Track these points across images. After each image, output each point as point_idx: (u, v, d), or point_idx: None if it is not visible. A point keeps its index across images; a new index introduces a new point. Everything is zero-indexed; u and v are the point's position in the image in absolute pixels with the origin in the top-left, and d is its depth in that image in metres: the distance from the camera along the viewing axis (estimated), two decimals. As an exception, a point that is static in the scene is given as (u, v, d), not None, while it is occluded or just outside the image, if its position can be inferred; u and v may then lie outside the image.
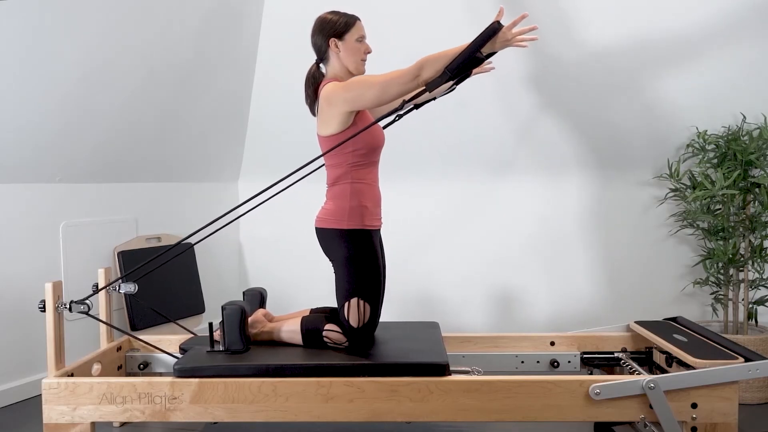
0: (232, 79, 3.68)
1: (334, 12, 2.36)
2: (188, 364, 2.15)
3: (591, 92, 3.25)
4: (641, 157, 3.35)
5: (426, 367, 2.10)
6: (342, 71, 2.35)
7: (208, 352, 2.28)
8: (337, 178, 2.35)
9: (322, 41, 2.35)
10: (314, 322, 2.34)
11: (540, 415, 2.05)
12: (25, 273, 2.88)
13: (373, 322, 2.31)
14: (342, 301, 2.29)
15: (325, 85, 2.32)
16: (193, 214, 3.88)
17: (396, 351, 2.25)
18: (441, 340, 2.38)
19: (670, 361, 2.31)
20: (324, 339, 2.30)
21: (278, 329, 2.38)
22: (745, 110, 3.07)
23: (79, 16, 2.68)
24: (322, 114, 2.32)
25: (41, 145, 2.85)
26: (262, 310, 2.50)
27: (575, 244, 3.53)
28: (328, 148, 2.33)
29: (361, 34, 2.34)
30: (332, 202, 2.35)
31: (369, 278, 2.29)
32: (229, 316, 2.27)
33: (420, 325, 2.63)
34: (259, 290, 2.62)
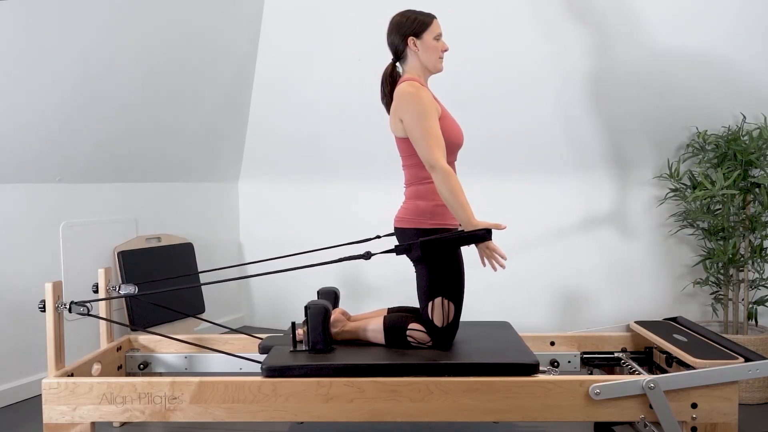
0: (232, 79, 3.68)
1: (411, 11, 2.35)
2: (277, 363, 2.13)
3: (591, 94, 3.25)
4: (641, 157, 3.35)
5: (517, 366, 2.09)
6: (420, 69, 2.34)
7: (291, 351, 2.26)
8: (417, 177, 2.33)
9: (400, 40, 2.32)
10: (398, 321, 2.33)
11: (540, 415, 2.05)
12: (25, 273, 2.88)
13: (456, 321, 2.29)
14: (426, 301, 2.28)
15: (402, 83, 2.30)
16: (193, 214, 3.89)
17: (481, 351, 2.23)
18: (521, 340, 2.38)
19: (670, 361, 2.31)
20: (408, 338, 2.30)
21: (361, 328, 2.37)
22: (745, 110, 3.07)
23: (80, 16, 2.68)
24: (393, 112, 2.31)
25: (41, 146, 2.85)
26: (339, 309, 2.48)
27: (575, 243, 3.53)
28: (404, 150, 2.32)
29: (438, 32, 2.33)
30: (413, 201, 2.32)
31: (452, 277, 2.27)
32: (314, 316, 2.25)
33: (492, 325, 2.63)
34: (333, 289, 2.59)
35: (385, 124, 3.68)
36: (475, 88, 3.40)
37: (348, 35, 3.57)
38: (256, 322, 4.26)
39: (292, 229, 4.13)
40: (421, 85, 2.27)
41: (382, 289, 3.90)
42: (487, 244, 2.18)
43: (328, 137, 3.89)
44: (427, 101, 2.22)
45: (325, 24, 3.60)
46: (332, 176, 4.02)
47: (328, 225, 4.04)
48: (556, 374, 2.18)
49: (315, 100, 3.81)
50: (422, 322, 2.30)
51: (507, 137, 3.49)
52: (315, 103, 3.82)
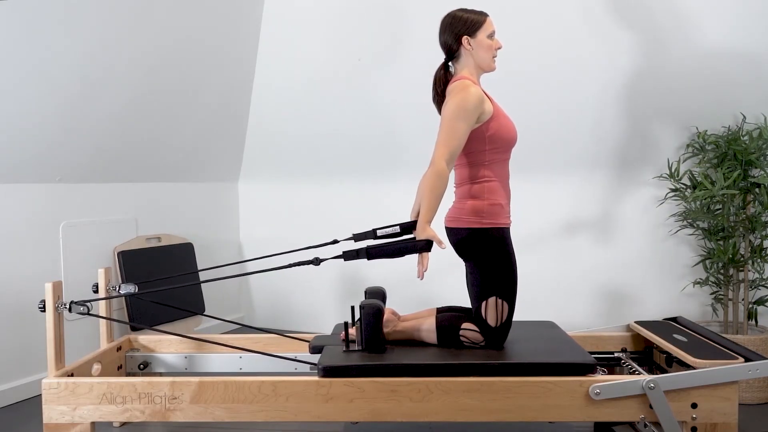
0: (232, 79, 3.68)
1: (463, 9, 2.32)
2: (333, 363, 2.12)
3: (590, 94, 3.25)
4: (641, 157, 3.35)
5: (575, 366, 2.08)
6: (474, 68, 2.32)
7: (344, 351, 2.25)
8: (470, 176, 2.31)
9: (453, 40, 2.30)
10: (450, 321, 2.32)
11: (540, 415, 2.04)
12: (25, 273, 2.88)
13: (510, 320, 2.28)
14: (479, 300, 2.27)
15: (456, 80, 2.29)
16: (193, 214, 3.88)
17: (535, 351, 2.22)
18: (572, 339, 2.37)
19: (670, 361, 2.31)
20: (461, 338, 2.29)
21: (414, 328, 2.36)
22: (745, 110, 3.07)
23: (80, 16, 2.68)
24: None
25: (41, 146, 2.85)
26: (390, 309, 2.46)
27: (575, 243, 3.53)
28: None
29: (492, 29, 2.31)
30: (467, 200, 2.30)
31: (506, 276, 2.26)
32: (368, 316, 2.23)
33: (537, 325, 2.62)
34: (381, 290, 2.57)
35: (385, 123, 3.69)
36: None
37: (348, 35, 3.57)
38: (256, 322, 4.26)
39: (292, 229, 4.13)
40: (474, 83, 2.26)
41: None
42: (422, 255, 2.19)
43: (328, 137, 3.89)
44: (472, 103, 2.19)
45: (325, 24, 3.60)
46: (332, 176, 4.02)
47: (328, 225, 4.04)
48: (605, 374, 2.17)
49: (315, 100, 3.81)
50: (475, 322, 2.29)
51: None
52: (315, 103, 3.82)
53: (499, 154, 2.29)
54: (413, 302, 3.73)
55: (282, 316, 4.16)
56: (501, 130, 2.26)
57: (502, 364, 2.09)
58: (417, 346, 2.31)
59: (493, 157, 2.28)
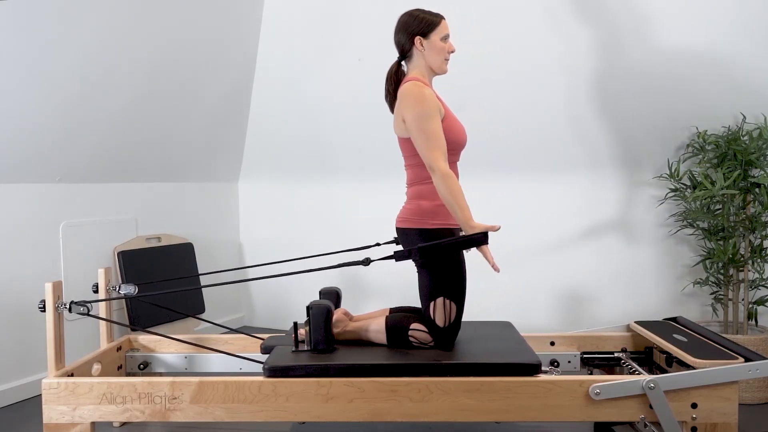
0: (232, 79, 3.68)
1: (419, 10, 2.33)
2: (279, 363, 2.13)
3: (590, 94, 3.25)
4: (641, 157, 3.35)
5: (519, 366, 2.09)
6: (425, 70, 2.33)
7: (293, 351, 2.26)
8: (418, 177, 2.32)
9: (406, 39, 2.31)
10: (400, 322, 2.32)
11: (540, 415, 2.05)
12: (25, 273, 2.88)
13: (458, 321, 2.29)
14: (427, 301, 2.28)
15: (406, 82, 2.30)
16: (193, 214, 3.89)
17: (483, 351, 2.23)
18: (524, 340, 2.38)
19: (670, 361, 2.31)
20: (409, 338, 2.30)
21: (363, 328, 2.37)
22: (745, 110, 3.07)
23: (80, 16, 2.68)
24: (396, 112, 2.31)
25: (41, 146, 2.85)
26: (342, 309, 2.48)
27: (575, 243, 3.53)
28: (407, 150, 2.32)
29: (446, 32, 2.32)
30: (415, 201, 2.32)
31: (454, 277, 2.27)
32: (316, 316, 2.25)
33: (494, 325, 2.63)
34: (335, 289, 2.59)
35: (385, 124, 3.69)
36: (475, 89, 3.40)
37: (348, 35, 3.57)
38: (256, 323, 4.26)
39: (292, 229, 4.13)
40: (424, 85, 2.26)
41: (381, 290, 3.90)
42: (482, 248, 2.16)
43: (328, 137, 3.89)
44: (430, 102, 2.22)
45: (325, 24, 3.60)
46: (332, 176, 4.02)
47: (328, 225, 4.04)
48: (558, 374, 2.18)
49: (315, 100, 3.81)
50: (424, 322, 2.30)
51: (507, 138, 3.49)
52: (315, 103, 3.82)
53: (449, 155, 2.30)
54: (413, 302, 3.73)
55: (282, 316, 4.16)
56: (450, 132, 2.27)
57: (445, 364, 2.10)
58: (366, 347, 2.32)
59: None
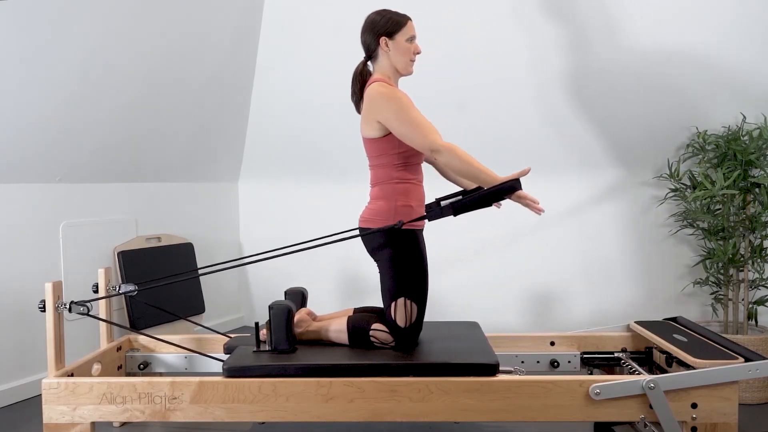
0: (232, 80, 3.68)
1: (386, 10, 2.34)
2: (237, 364, 2.13)
3: (590, 93, 3.25)
4: (641, 157, 3.35)
5: (476, 367, 2.09)
6: (390, 70, 2.34)
7: (254, 352, 2.26)
8: (382, 177, 2.33)
9: (372, 39, 2.32)
10: (361, 322, 2.33)
11: (540, 415, 2.04)
12: (25, 273, 2.88)
13: (419, 322, 2.30)
14: (389, 301, 2.28)
15: (371, 84, 2.31)
16: (193, 214, 3.89)
17: (444, 351, 2.23)
18: (486, 340, 2.38)
19: (670, 361, 2.31)
20: (371, 338, 2.30)
21: (324, 329, 2.37)
22: (745, 110, 3.07)
23: (80, 16, 2.68)
24: (364, 114, 2.31)
25: (41, 146, 2.85)
26: (305, 309, 2.48)
27: (575, 244, 3.53)
28: (371, 150, 2.32)
29: (411, 34, 2.32)
30: (377, 201, 2.32)
31: (415, 278, 2.27)
32: (276, 316, 2.25)
33: (460, 325, 2.63)
34: (301, 290, 2.59)
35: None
36: (473, 87, 3.40)
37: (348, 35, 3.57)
38: (256, 322, 4.25)
39: (292, 229, 4.13)
40: (390, 86, 2.28)
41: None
42: (518, 195, 2.14)
43: (328, 137, 3.89)
44: (401, 95, 2.24)
45: (326, 24, 3.60)
46: (332, 176, 4.02)
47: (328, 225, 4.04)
48: (523, 374, 2.18)
49: (315, 100, 3.81)
50: (385, 323, 2.30)
51: (506, 137, 3.49)
52: (315, 103, 3.82)
53: (412, 158, 2.30)
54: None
55: (282, 316, 4.16)
56: None
57: (403, 364, 2.10)
58: (328, 347, 2.32)
59: (405, 160, 2.30)
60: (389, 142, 2.27)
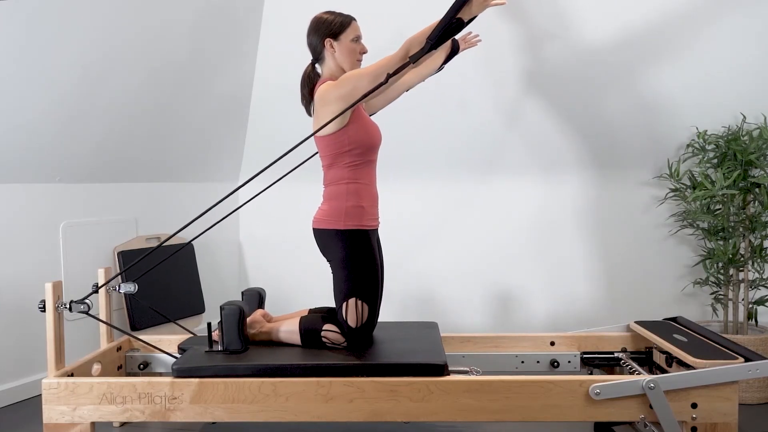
0: (232, 79, 3.68)
1: (330, 12, 2.36)
2: (186, 364, 2.15)
3: (591, 92, 3.25)
4: (641, 157, 3.35)
5: (424, 367, 2.10)
6: (338, 71, 2.35)
7: (206, 352, 2.28)
8: (333, 178, 2.35)
9: (318, 41, 2.34)
10: (312, 323, 2.34)
11: (540, 415, 2.05)
12: (25, 273, 2.88)
13: (371, 322, 2.31)
14: (340, 302, 2.29)
15: (320, 85, 2.31)
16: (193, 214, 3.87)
17: (395, 351, 2.25)
18: (440, 341, 2.38)
19: (670, 361, 2.31)
20: (322, 339, 2.31)
21: (277, 329, 2.38)
22: (745, 110, 3.07)
23: (78, 15, 2.68)
24: (317, 115, 2.32)
25: (41, 145, 2.85)
26: (260, 311, 2.50)
27: (575, 244, 3.53)
28: (324, 150, 2.33)
29: (356, 34, 2.34)
30: (329, 202, 2.35)
31: (367, 278, 2.29)
32: (228, 316, 2.27)
33: (418, 326, 2.64)
34: (258, 290, 2.62)
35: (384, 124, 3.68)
36: (473, 87, 3.40)
37: (348, 35, 3.57)
38: (256, 322, 4.25)
39: (292, 229, 4.13)
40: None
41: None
42: None
43: (328, 137, 3.88)
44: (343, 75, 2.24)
45: (325, 24, 3.60)
46: (332, 176, 4.01)
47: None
48: (478, 374, 2.18)
49: (315, 100, 3.81)
50: (337, 323, 2.31)
51: (505, 137, 3.49)
52: (315, 103, 3.81)
53: (362, 156, 2.32)
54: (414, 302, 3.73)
55: (282, 316, 4.16)
56: (362, 133, 2.29)
57: (353, 364, 2.12)
58: (280, 347, 2.32)
59: (355, 160, 2.31)
60: (339, 138, 2.27)
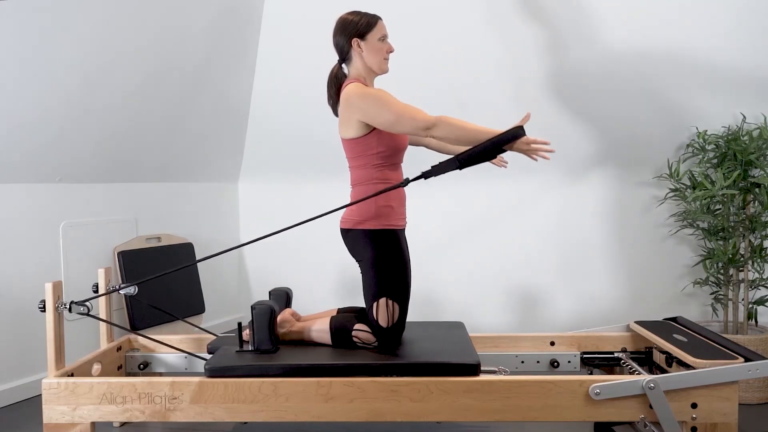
0: (232, 80, 3.68)
1: (356, 12, 2.35)
2: (219, 364, 2.14)
3: (591, 93, 3.25)
4: (641, 157, 3.35)
5: (457, 367, 2.09)
6: (365, 71, 2.35)
7: (237, 351, 2.27)
8: (361, 178, 2.34)
9: (345, 42, 2.33)
10: (343, 322, 2.33)
11: (540, 415, 2.05)
12: (25, 273, 2.88)
13: (402, 322, 2.30)
14: (371, 302, 2.29)
15: (347, 86, 2.31)
16: (193, 214, 3.89)
17: (426, 351, 2.24)
18: (469, 340, 2.38)
19: (670, 361, 2.31)
20: (353, 339, 2.30)
21: (307, 329, 2.37)
22: (745, 110, 3.07)
23: (79, 16, 2.68)
24: (342, 115, 2.31)
25: (41, 145, 2.85)
26: (289, 310, 2.49)
27: (575, 244, 3.53)
28: (350, 151, 2.33)
29: (383, 33, 2.33)
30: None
31: (397, 278, 2.28)
32: (259, 316, 2.26)
33: (445, 325, 2.63)
34: (285, 290, 2.60)
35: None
36: (473, 87, 3.40)
37: (348, 35, 3.57)
38: (256, 322, 4.25)
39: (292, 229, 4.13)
40: (363, 86, 2.29)
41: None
42: (525, 140, 2.14)
43: (328, 137, 3.88)
44: (378, 90, 2.25)
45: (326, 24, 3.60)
46: (332, 176, 4.01)
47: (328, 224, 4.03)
48: (506, 373, 2.18)
49: (315, 100, 3.81)
50: (368, 323, 2.30)
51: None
52: (315, 103, 3.81)
53: (390, 158, 2.32)
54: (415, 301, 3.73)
55: (282, 316, 4.16)
56: (390, 136, 2.29)
57: (385, 364, 2.11)
58: (310, 347, 2.32)
59: (384, 160, 2.31)
60: (367, 141, 2.28)
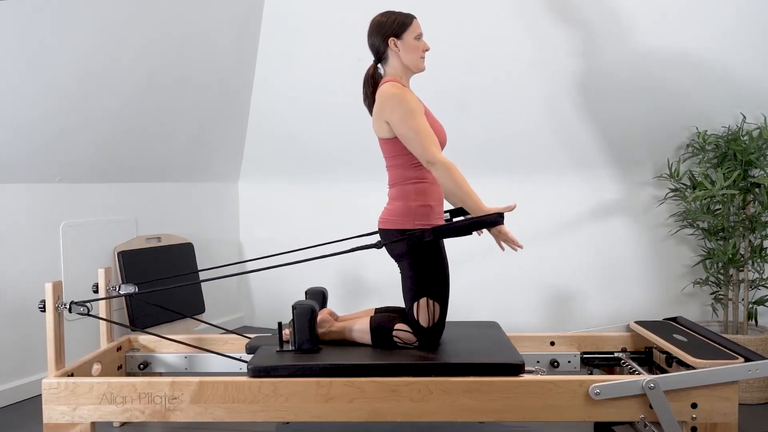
0: (232, 79, 3.68)
1: (390, 12, 2.36)
2: (262, 363, 2.13)
3: (591, 93, 3.25)
4: (641, 157, 3.35)
5: (502, 367, 2.09)
6: (402, 70, 2.35)
7: (277, 351, 2.27)
8: (399, 178, 2.34)
9: (380, 41, 2.33)
10: (384, 322, 2.33)
11: (540, 415, 2.05)
12: (25, 273, 2.88)
13: (442, 321, 2.30)
14: (410, 301, 2.29)
15: (383, 84, 2.31)
16: (193, 214, 3.89)
17: (467, 351, 2.23)
18: (508, 340, 2.38)
19: (670, 361, 2.31)
20: (394, 339, 2.30)
21: (348, 329, 2.37)
22: (745, 110, 3.07)
23: (79, 16, 2.69)
24: (375, 114, 2.32)
25: (41, 145, 2.85)
26: (327, 310, 2.49)
27: (575, 243, 3.53)
28: (387, 151, 2.34)
29: (418, 32, 2.34)
30: (396, 202, 2.34)
31: (437, 277, 2.28)
32: (300, 316, 2.26)
33: (481, 325, 2.63)
34: (321, 289, 2.59)
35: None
36: (473, 88, 3.40)
37: (348, 35, 3.57)
38: (256, 323, 4.26)
39: (292, 229, 4.13)
40: (403, 86, 2.29)
41: (382, 289, 3.90)
42: (499, 229, 2.18)
43: (329, 137, 3.89)
44: (412, 99, 2.25)
45: (326, 24, 3.60)
46: (332, 176, 4.02)
47: (328, 225, 4.04)
48: (543, 373, 2.18)
49: (315, 100, 3.81)
50: (408, 323, 2.30)
51: (504, 137, 3.49)
52: (315, 103, 3.82)
53: None
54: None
55: (282, 316, 4.16)
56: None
57: (429, 364, 2.10)
58: (351, 347, 2.32)
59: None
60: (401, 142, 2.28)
